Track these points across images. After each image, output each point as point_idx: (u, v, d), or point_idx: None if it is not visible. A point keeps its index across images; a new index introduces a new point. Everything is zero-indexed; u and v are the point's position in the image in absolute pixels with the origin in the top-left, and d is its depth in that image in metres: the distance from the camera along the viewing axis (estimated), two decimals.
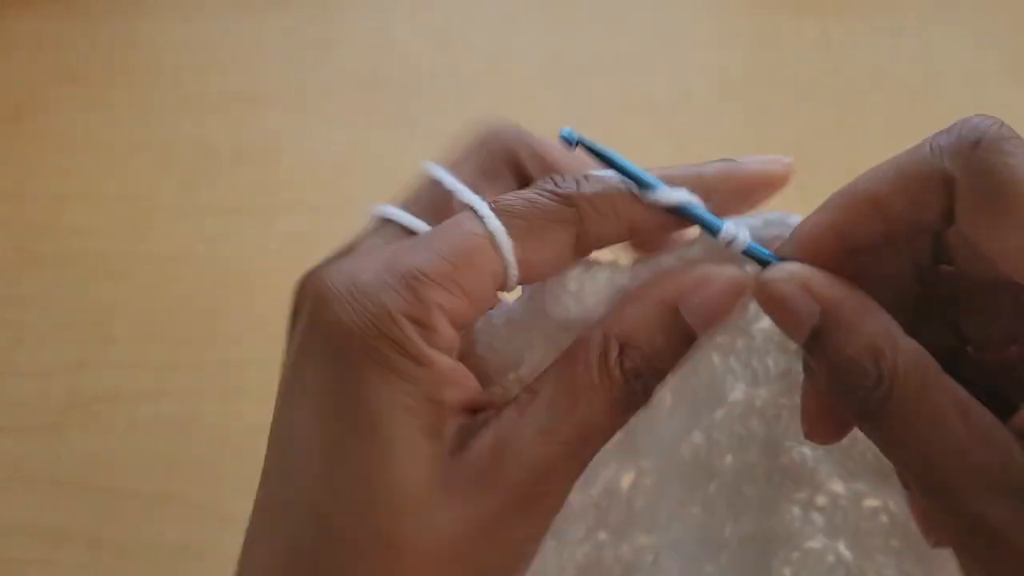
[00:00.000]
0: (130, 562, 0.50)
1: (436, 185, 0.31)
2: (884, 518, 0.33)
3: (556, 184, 0.29)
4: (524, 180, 0.33)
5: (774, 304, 0.28)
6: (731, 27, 0.78)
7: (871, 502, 0.33)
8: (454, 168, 0.32)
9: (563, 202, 0.28)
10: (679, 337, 0.28)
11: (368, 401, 0.26)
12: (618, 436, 0.31)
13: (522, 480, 0.27)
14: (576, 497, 0.34)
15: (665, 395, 0.33)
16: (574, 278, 0.29)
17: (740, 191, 0.31)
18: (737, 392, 0.33)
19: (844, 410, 0.27)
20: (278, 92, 0.72)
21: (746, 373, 0.33)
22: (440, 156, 0.33)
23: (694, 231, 0.30)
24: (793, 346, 0.32)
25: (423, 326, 0.26)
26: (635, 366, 0.28)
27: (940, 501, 0.26)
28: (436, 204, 0.30)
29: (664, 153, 0.69)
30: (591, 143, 0.29)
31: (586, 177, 0.29)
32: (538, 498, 0.27)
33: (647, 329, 0.28)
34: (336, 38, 0.76)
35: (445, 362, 0.27)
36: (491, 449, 0.27)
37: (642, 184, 0.28)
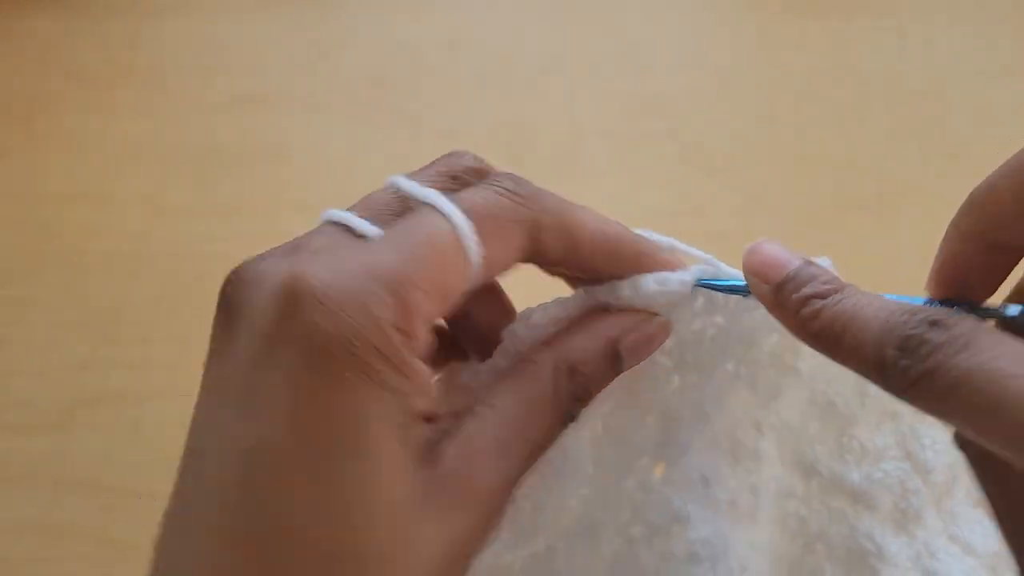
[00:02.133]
0: (137, 561, 0.50)
1: (393, 192, 0.30)
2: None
3: (516, 182, 0.29)
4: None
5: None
6: (735, 27, 0.78)
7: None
8: (415, 176, 0.31)
9: (523, 204, 0.28)
10: (613, 368, 0.31)
11: (353, 414, 0.25)
12: (653, 430, 0.33)
13: (488, 497, 0.27)
14: (611, 491, 0.34)
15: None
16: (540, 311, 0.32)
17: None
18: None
19: None
20: (285, 92, 0.72)
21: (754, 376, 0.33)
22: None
23: None
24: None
25: (407, 335, 0.25)
26: (577, 391, 0.30)
27: None
28: (389, 208, 0.30)
29: (668, 152, 0.70)
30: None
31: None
32: (496, 512, 0.28)
33: (594, 358, 0.30)
34: (343, 38, 0.76)
35: (422, 371, 0.26)
36: (461, 464, 0.27)
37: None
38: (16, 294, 0.61)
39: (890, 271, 0.61)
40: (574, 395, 0.30)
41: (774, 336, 0.33)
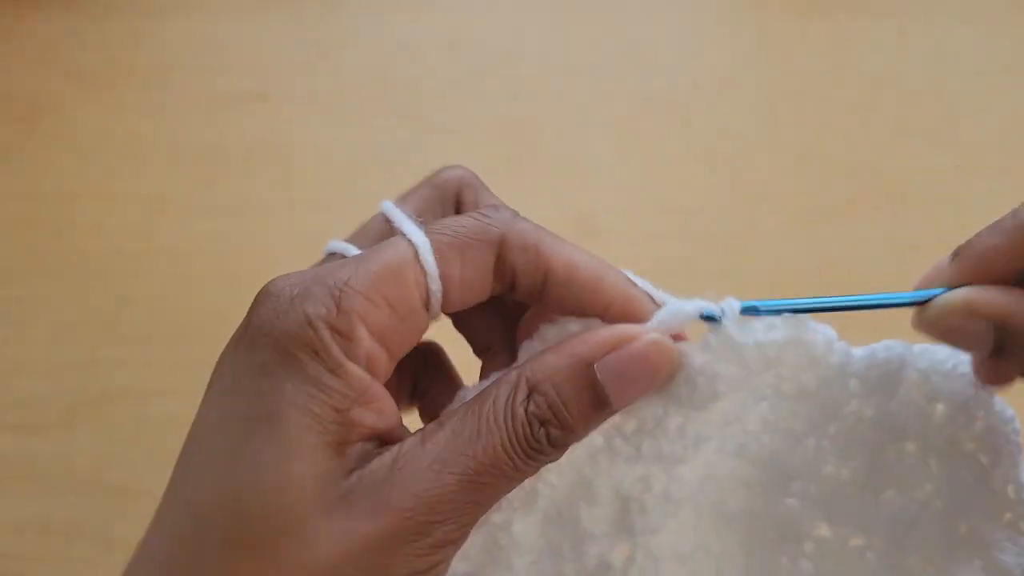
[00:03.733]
0: None
1: (384, 220, 0.32)
2: (870, 555, 0.33)
3: (488, 212, 0.30)
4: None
5: (946, 335, 0.28)
6: (738, 26, 0.78)
7: (856, 541, 0.33)
8: (403, 203, 0.33)
9: (489, 223, 0.29)
10: (590, 395, 0.28)
11: (275, 402, 0.26)
12: (614, 516, 0.32)
13: (409, 507, 0.26)
14: (570, 568, 0.34)
15: (661, 475, 0.33)
16: (566, 325, 0.31)
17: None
18: (724, 468, 0.33)
19: None
20: (286, 92, 0.73)
21: (735, 448, 0.33)
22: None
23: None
24: (783, 426, 0.33)
25: (343, 335, 0.27)
26: (539, 412, 0.28)
27: None
28: (383, 236, 0.31)
29: (672, 151, 0.70)
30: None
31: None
32: (424, 529, 0.27)
33: (556, 377, 0.28)
34: (344, 38, 0.76)
35: (360, 375, 0.27)
36: (386, 471, 0.27)
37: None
38: (18, 293, 0.61)
39: (892, 270, 0.61)
40: (537, 416, 0.28)
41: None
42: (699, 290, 0.31)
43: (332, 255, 0.32)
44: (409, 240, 0.28)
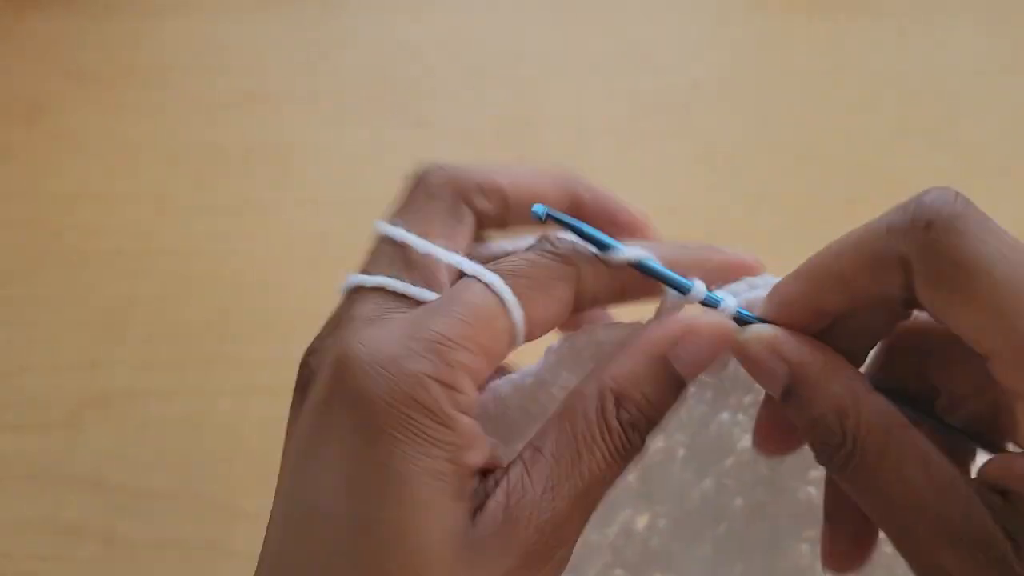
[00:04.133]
0: (144, 558, 0.51)
1: (394, 243, 0.32)
2: (888, 548, 0.33)
3: (554, 245, 0.30)
4: (479, 214, 0.34)
5: (748, 363, 0.29)
6: (738, 26, 0.78)
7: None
8: (420, 224, 0.32)
9: (563, 262, 0.30)
10: (669, 386, 0.29)
11: (398, 467, 0.26)
12: (635, 484, 0.34)
13: (533, 539, 0.27)
14: (593, 536, 0.35)
15: (678, 448, 0.35)
16: (590, 334, 0.31)
17: (715, 272, 0.32)
18: (745, 441, 0.34)
19: (818, 461, 0.29)
20: (288, 91, 0.73)
21: (753, 425, 0.33)
22: (393, 213, 0.33)
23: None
24: None
25: (451, 388, 0.27)
26: (631, 418, 0.29)
27: (904, 549, 0.27)
28: (409, 263, 0.31)
29: (673, 150, 0.70)
30: (558, 215, 0.30)
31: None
32: (549, 553, 0.28)
33: (640, 382, 0.29)
34: (344, 38, 0.76)
35: (468, 423, 0.27)
36: (504, 510, 0.27)
37: (602, 246, 0.30)
38: (20, 293, 0.61)
39: None
40: (630, 423, 0.29)
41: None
42: None
43: (357, 290, 0.31)
44: (486, 284, 0.29)
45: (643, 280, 0.30)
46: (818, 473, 0.34)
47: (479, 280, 0.29)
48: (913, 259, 0.26)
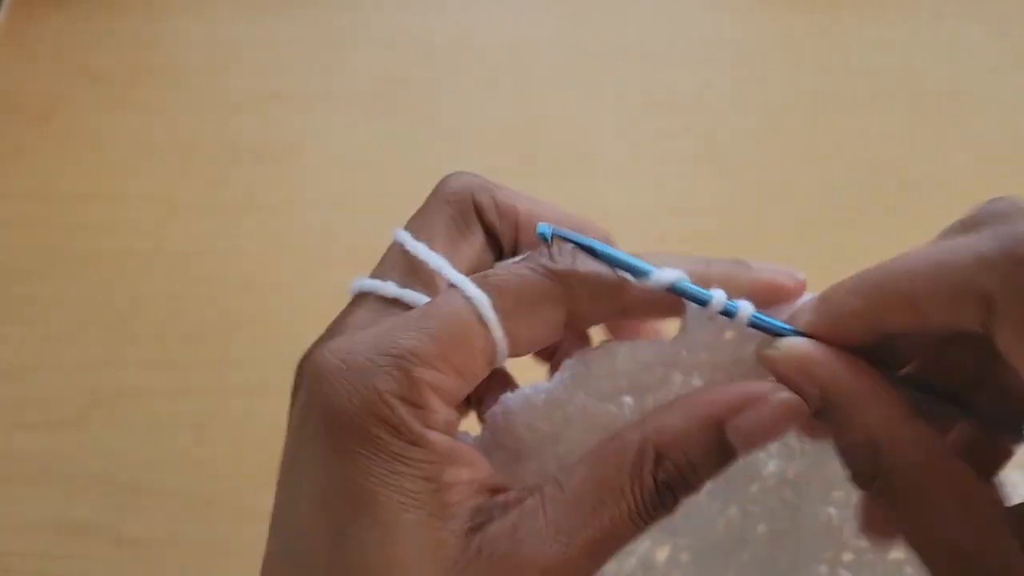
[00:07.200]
0: (152, 557, 0.51)
1: (402, 247, 0.30)
2: (909, 569, 0.33)
3: (552, 259, 0.28)
4: (490, 229, 0.32)
5: (779, 379, 0.27)
6: (749, 24, 0.78)
7: (896, 554, 0.33)
8: (425, 229, 0.31)
9: (553, 279, 0.27)
10: (718, 454, 0.27)
11: (363, 485, 0.25)
12: None
13: None
14: (610, 569, 0.33)
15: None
16: (610, 353, 0.29)
17: (744, 296, 0.29)
18: (771, 466, 0.33)
19: (853, 485, 0.27)
20: (299, 91, 0.73)
21: (781, 450, 0.33)
22: (409, 218, 0.32)
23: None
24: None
25: (416, 406, 0.26)
26: (668, 477, 0.26)
27: None
28: (412, 268, 0.30)
29: (683, 150, 0.70)
30: (571, 235, 0.28)
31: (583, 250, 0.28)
32: None
33: (687, 443, 0.27)
34: (355, 37, 0.76)
35: (442, 440, 0.26)
36: (508, 540, 0.25)
37: (635, 272, 0.28)
38: (31, 292, 0.61)
39: None
40: (666, 483, 0.26)
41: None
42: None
43: (362, 295, 0.30)
44: (468, 297, 0.27)
45: (646, 300, 0.28)
46: (840, 494, 0.33)
47: (462, 293, 0.27)
48: (999, 299, 0.23)
